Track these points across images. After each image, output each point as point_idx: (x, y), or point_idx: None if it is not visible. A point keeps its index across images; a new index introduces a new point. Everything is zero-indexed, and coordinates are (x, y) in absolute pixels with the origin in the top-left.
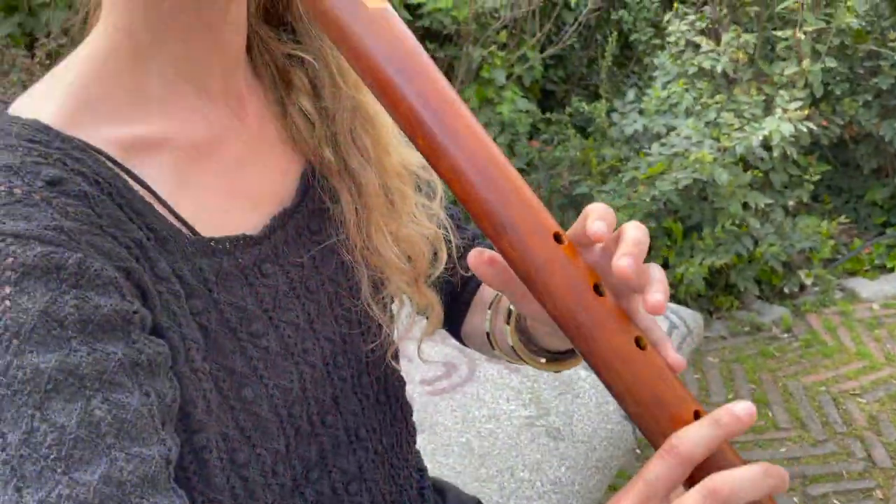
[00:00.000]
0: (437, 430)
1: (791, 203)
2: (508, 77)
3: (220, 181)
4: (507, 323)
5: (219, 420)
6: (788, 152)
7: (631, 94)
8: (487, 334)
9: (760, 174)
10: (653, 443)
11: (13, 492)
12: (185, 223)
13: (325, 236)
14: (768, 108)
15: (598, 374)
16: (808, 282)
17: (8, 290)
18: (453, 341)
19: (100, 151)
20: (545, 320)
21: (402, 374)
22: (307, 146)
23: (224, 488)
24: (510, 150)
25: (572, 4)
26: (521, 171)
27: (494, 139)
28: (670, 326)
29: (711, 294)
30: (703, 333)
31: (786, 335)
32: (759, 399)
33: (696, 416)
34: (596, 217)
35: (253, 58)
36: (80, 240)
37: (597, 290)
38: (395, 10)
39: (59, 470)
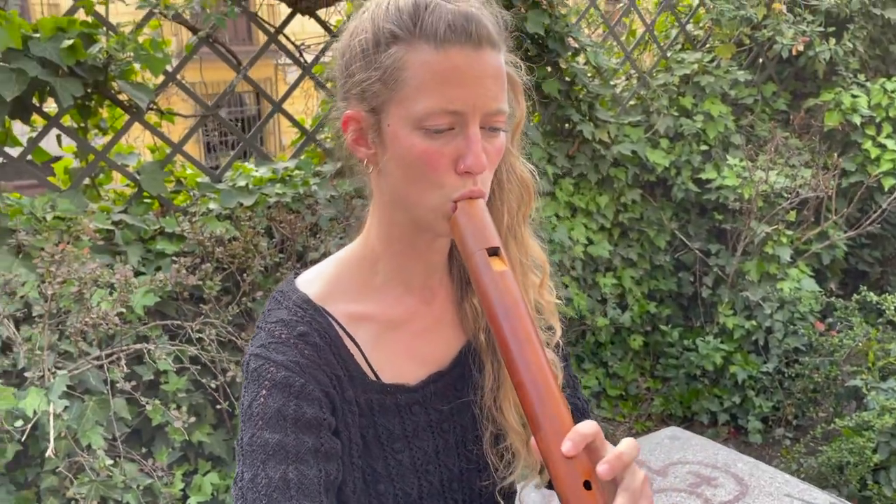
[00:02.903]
0: None
1: None
2: (800, 253)
3: (402, 346)
4: None
5: (359, 500)
6: None
7: None
8: None
9: None
10: None
11: None
12: (372, 369)
13: (465, 394)
14: None
15: None
16: None
17: (264, 392)
18: None
19: (333, 317)
20: None
21: None
22: (470, 328)
23: None
24: (785, 328)
25: (885, 188)
26: (796, 350)
27: (771, 315)
28: None
29: None
30: None
31: None
32: None
33: None
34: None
35: (451, 263)
36: (306, 371)
37: (587, 485)
38: (684, 183)
39: (264, 501)
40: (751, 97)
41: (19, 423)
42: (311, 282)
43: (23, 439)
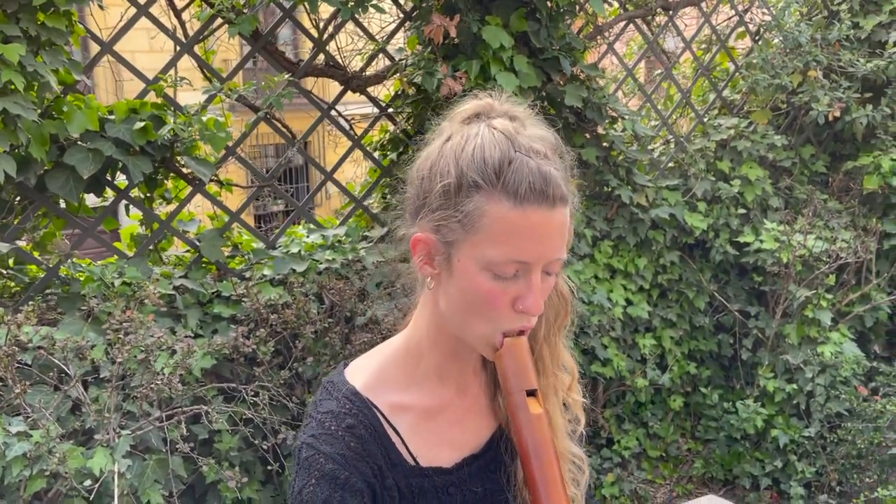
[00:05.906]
0: None
1: None
2: (842, 315)
3: (438, 433)
4: None
5: None
6: None
7: None
8: None
9: None
10: None
11: None
12: (411, 455)
13: (499, 477)
14: None
15: None
16: None
17: (313, 481)
18: None
19: (377, 408)
20: None
21: None
22: (502, 416)
23: None
24: (827, 392)
25: None
26: (839, 415)
27: (812, 378)
28: None
29: None
30: None
31: None
32: None
33: None
34: None
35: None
36: (350, 464)
37: None
38: (722, 246)
39: None
40: (788, 159)
41: (87, 482)
42: (359, 372)
43: (91, 498)
